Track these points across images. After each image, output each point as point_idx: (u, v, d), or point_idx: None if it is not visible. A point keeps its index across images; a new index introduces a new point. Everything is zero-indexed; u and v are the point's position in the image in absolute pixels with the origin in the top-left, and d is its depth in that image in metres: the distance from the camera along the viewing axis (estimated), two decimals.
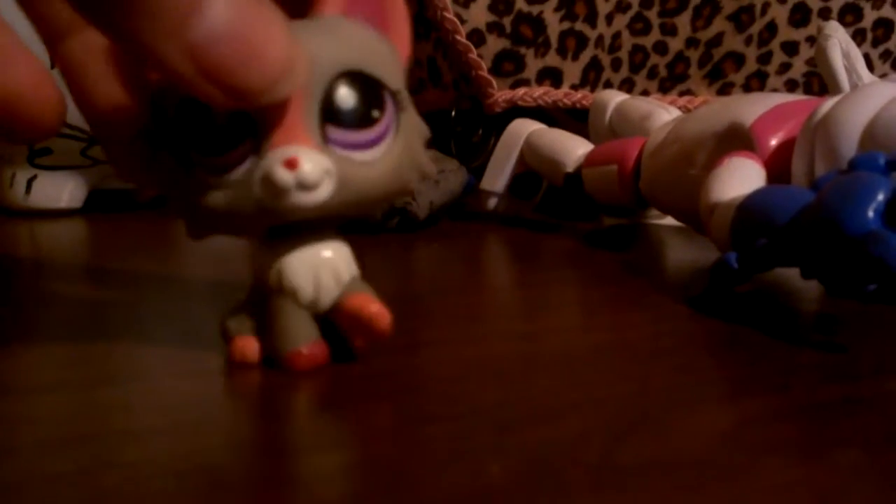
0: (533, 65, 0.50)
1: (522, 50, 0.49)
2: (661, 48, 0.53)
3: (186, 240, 0.18)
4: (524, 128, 0.40)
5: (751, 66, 0.54)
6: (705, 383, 0.18)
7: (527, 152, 0.39)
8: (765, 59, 0.54)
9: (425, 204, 0.37)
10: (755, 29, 0.53)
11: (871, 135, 0.23)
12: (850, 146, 0.23)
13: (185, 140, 0.16)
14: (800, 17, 0.54)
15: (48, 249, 0.36)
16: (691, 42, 0.53)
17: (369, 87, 0.16)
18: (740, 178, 0.25)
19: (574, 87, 0.51)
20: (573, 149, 0.37)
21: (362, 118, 0.16)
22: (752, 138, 0.27)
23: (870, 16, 0.54)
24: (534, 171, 0.40)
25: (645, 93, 0.53)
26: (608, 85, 0.52)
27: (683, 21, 0.52)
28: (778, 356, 0.19)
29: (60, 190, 0.41)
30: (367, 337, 0.17)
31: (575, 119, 0.52)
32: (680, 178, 0.30)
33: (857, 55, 0.31)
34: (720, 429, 0.15)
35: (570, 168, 0.37)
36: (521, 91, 0.50)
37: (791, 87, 0.54)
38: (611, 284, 0.28)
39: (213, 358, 0.18)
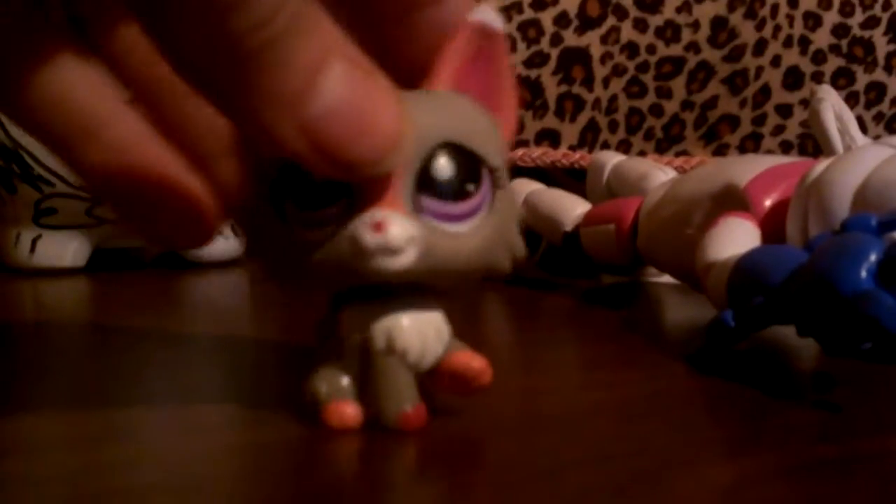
0: (531, 126, 0.51)
1: (521, 112, 0.50)
2: (656, 111, 0.54)
3: (189, 298, 0.18)
4: (523, 187, 0.41)
5: (745, 128, 0.55)
6: (704, 441, 0.18)
7: (526, 211, 0.40)
8: (759, 121, 0.55)
9: None
10: (749, 92, 0.54)
11: (862, 196, 0.23)
12: (842, 207, 0.24)
13: (284, 194, 0.16)
14: (793, 80, 0.55)
15: (52, 308, 0.36)
16: (686, 105, 0.54)
17: (467, 161, 0.17)
18: (736, 238, 0.25)
19: (572, 148, 0.52)
20: (571, 208, 0.38)
21: (456, 190, 0.16)
22: (747, 199, 0.27)
23: (862, 79, 0.55)
24: (533, 229, 0.40)
25: (642, 153, 0.54)
26: (605, 146, 0.53)
27: (678, 84, 0.54)
28: (776, 414, 0.19)
29: (65, 249, 0.42)
30: (467, 393, 0.17)
31: (573, 178, 0.53)
32: (676, 237, 0.30)
33: (849, 118, 0.32)
34: (719, 486, 0.15)
35: (569, 227, 0.38)
36: (519, 152, 0.51)
37: (786, 148, 0.55)
38: (610, 342, 0.28)
39: (216, 414, 0.18)
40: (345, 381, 0.17)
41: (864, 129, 0.53)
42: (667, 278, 0.37)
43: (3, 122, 0.40)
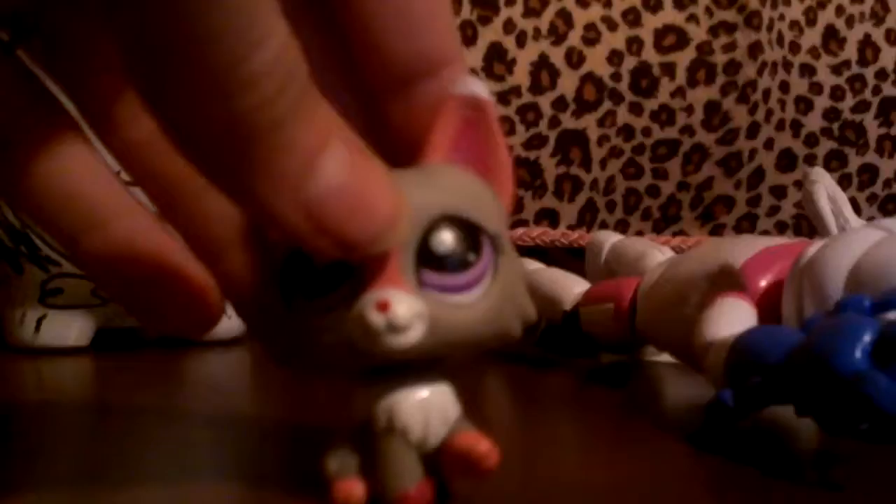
0: (531, 206, 0.52)
1: (520, 192, 0.51)
2: (653, 191, 0.55)
3: (192, 376, 0.18)
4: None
5: (741, 208, 0.56)
6: None
7: None
8: (754, 202, 0.56)
9: None
10: (743, 174, 0.55)
11: (855, 277, 0.24)
12: (836, 288, 0.24)
13: (290, 284, 0.17)
14: (786, 162, 0.56)
15: (55, 388, 0.36)
16: (682, 185, 0.55)
17: (466, 232, 0.17)
18: (733, 318, 0.26)
19: (571, 228, 0.53)
20: (571, 287, 0.38)
21: (458, 262, 0.17)
22: (743, 279, 0.28)
23: (854, 161, 0.56)
24: None
25: (639, 233, 0.55)
26: (603, 225, 0.54)
27: (674, 166, 0.55)
28: (777, 494, 0.20)
29: (69, 329, 0.42)
30: (472, 475, 0.17)
31: (572, 257, 0.54)
32: (674, 316, 0.31)
33: (843, 199, 0.33)
34: None
35: (568, 306, 0.38)
36: (519, 231, 0.52)
37: (781, 228, 0.56)
38: (610, 421, 0.28)
39: (217, 496, 0.18)
40: (354, 459, 0.17)
41: (857, 210, 0.54)
42: (666, 357, 0.37)
43: None
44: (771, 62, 0.56)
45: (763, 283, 0.28)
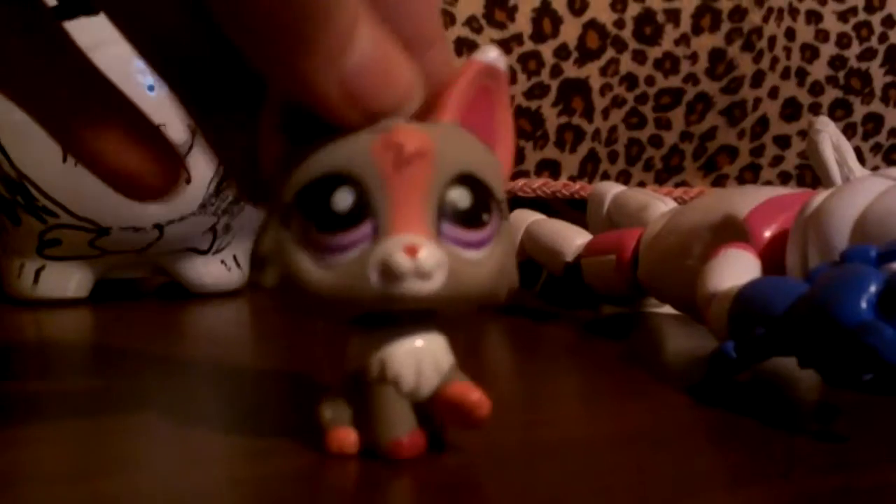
0: (532, 157, 0.51)
1: (521, 143, 0.51)
2: (656, 141, 0.54)
3: (191, 328, 0.18)
4: (524, 218, 0.41)
5: (744, 158, 0.55)
6: (706, 472, 0.18)
7: (527, 242, 0.40)
8: (757, 152, 0.55)
9: None
10: (747, 123, 0.55)
11: (861, 228, 0.24)
12: (841, 239, 0.24)
13: (304, 215, 0.17)
14: (791, 111, 0.55)
15: (54, 339, 0.36)
16: (685, 136, 0.55)
17: (482, 192, 0.17)
18: (736, 269, 0.25)
19: (572, 179, 0.53)
20: (572, 239, 0.38)
21: (474, 219, 0.17)
22: (747, 230, 0.28)
23: (859, 110, 0.55)
24: (534, 259, 0.40)
25: (641, 184, 0.55)
26: (605, 176, 0.53)
27: (677, 116, 0.54)
28: (778, 445, 0.20)
29: (68, 280, 0.42)
30: (465, 425, 0.17)
31: (573, 208, 0.53)
32: (677, 268, 0.30)
33: (847, 149, 0.32)
34: None
35: (570, 258, 0.38)
36: (520, 182, 0.51)
37: (784, 179, 0.56)
38: (611, 373, 0.28)
39: (217, 446, 0.18)
40: (347, 409, 0.17)
41: (861, 160, 0.54)
42: (667, 309, 0.37)
43: (8, 154, 0.40)
44: (777, 8, 0.55)
45: (767, 234, 0.27)
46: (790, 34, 0.56)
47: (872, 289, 0.19)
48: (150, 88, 0.39)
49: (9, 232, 0.42)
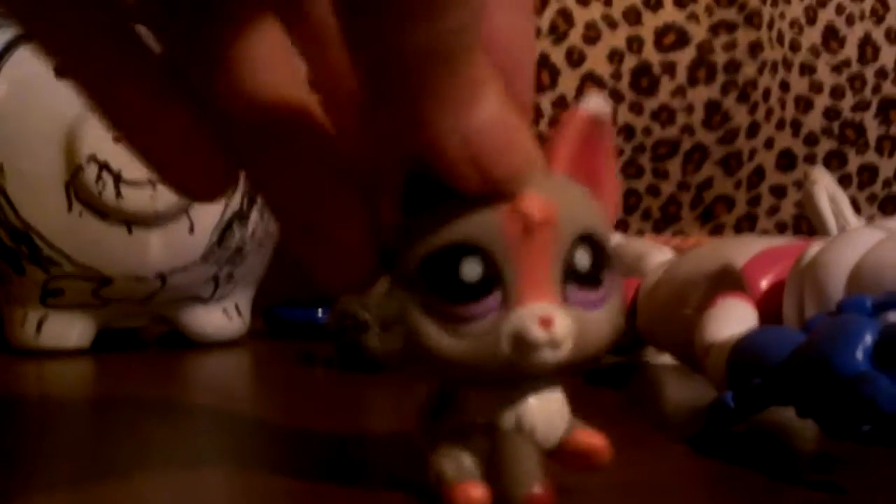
0: None
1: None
2: (653, 191, 0.55)
3: (192, 378, 0.18)
4: None
5: (741, 208, 0.56)
6: None
7: None
8: (754, 202, 0.56)
9: None
10: (743, 173, 0.55)
11: (856, 278, 0.24)
12: (837, 289, 0.24)
13: (430, 284, 0.17)
14: (786, 162, 0.56)
15: (56, 389, 0.36)
16: (682, 185, 0.55)
17: (599, 250, 0.17)
18: (734, 319, 0.26)
19: None
20: None
21: (594, 279, 0.17)
22: (744, 280, 0.28)
23: (854, 161, 0.56)
24: None
25: (639, 232, 0.55)
26: None
27: (674, 166, 0.55)
28: (777, 496, 0.20)
29: (70, 330, 0.42)
30: (589, 469, 0.18)
31: None
32: (675, 317, 0.31)
33: (843, 199, 0.33)
34: None
35: None
36: None
37: (781, 228, 0.56)
38: (611, 423, 0.28)
39: (219, 496, 0.18)
40: (468, 461, 0.17)
41: (857, 209, 0.54)
42: (666, 358, 0.37)
43: (13, 204, 0.41)
44: (771, 61, 0.56)
45: (764, 284, 0.28)
46: (784, 86, 0.57)
47: (868, 339, 0.19)
48: None
49: (12, 281, 0.43)
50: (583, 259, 0.17)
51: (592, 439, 0.18)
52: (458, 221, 0.16)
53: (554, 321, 0.16)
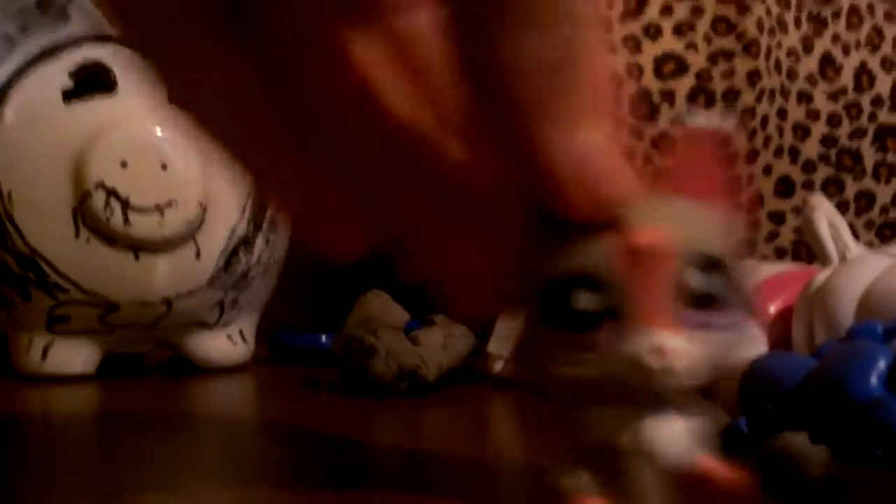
0: None
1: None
2: None
3: (195, 404, 0.18)
4: None
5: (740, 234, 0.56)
6: None
7: None
8: (753, 227, 0.56)
9: (435, 367, 0.37)
10: (742, 199, 0.56)
11: (866, 304, 0.24)
12: (847, 315, 0.25)
13: (550, 315, 0.17)
14: (784, 188, 0.56)
15: (61, 416, 0.36)
16: None
17: (720, 272, 0.17)
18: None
19: None
20: None
21: (713, 300, 0.17)
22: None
23: (851, 187, 0.57)
24: None
25: None
26: None
27: None
28: None
29: (76, 356, 0.42)
30: (712, 498, 0.18)
31: None
32: None
33: (842, 225, 0.33)
34: None
35: None
36: None
37: (779, 254, 0.57)
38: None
39: None
40: (589, 479, 0.17)
41: (855, 236, 0.55)
42: None
43: (21, 230, 0.41)
44: (769, 89, 0.57)
45: (772, 310, 0.28)
46: (782, 114, 0.57)
47: (882, 365, 0.20)
48: (164, 167, 0.40)
49: (18, 307, 0.43)
50: (703, 281, 0.17)
51: (717, 468, 0.17)
52: (572, 253, 0.17)
53: (667, 349, 0.16)
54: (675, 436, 0.17)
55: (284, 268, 0.48)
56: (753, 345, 0.19)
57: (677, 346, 0.16)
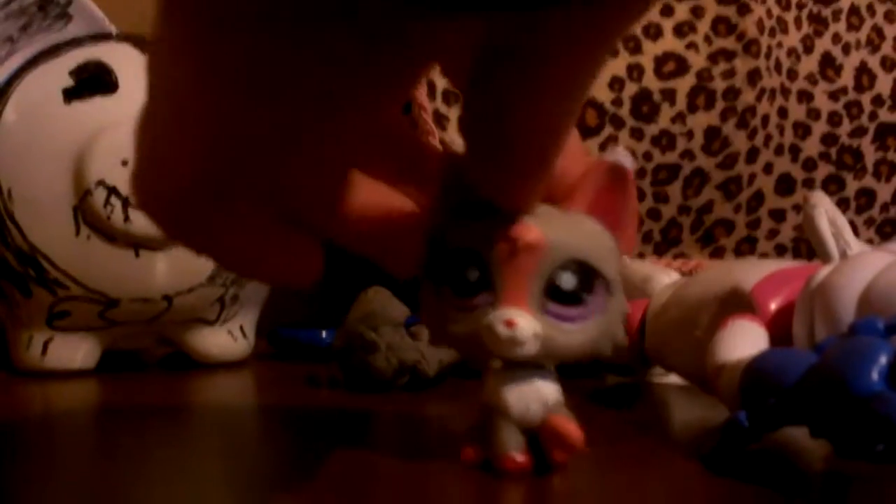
0: None
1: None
2: (654, 215, 0.55)
3: (195, 399, 0.19)
4: None
5: (741, 231, 0.57)
6: None
7: None
8: (754, 225, 0.57)
9: (435, 362, 0.37)
10: (743, 197, 0.56)
11: (867, 300, 0.24)
12: (847, 311, 0.25)
13: (444, 281, 0.22)
14: (785, 186, 0.57)
15: (61, 411, 0.36)
16: (683, 209, 0.56)
17: (586, 275, 0.21)
18: (745, 340, 0.26)
19: None
20: None
21: (574, 298, 0.21)
22: (753, 302, 0.28)
23: (852, 185, 0.57)
24: None
25: (640, 255, 0.56)
26: None
27: (675, 190, 0.55)
28: None
29: (76, 351, 0.42)
30: (564, 450, 0.22)
31: None
32: (684, 339, 0.31)
33: (843, 223, 0.33)
34: None
35: None
36: None
37: (780, 251, 0.57)
38: (619, 443, 0.29)
39: None
40: (478, 431, 0.22)
41: (855, 233, 0.55)
42: (672, 378, 0.37)
43: (21, 228, 0.41)
44: (769, 88, 0.57)
45: (773, 306, 0.28)
46: (782, 112, 0.57)
47: (883, 360, 0.20)
48: None
49: (19, 304, 0.43)
50: (566, 281, 0.21)
51: (564, 424, 0.22)
52: (473, 232, 0.21)
53: (516, 324, 0.21)
54: (528, 397, 0.22)
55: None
56: (601, 341, 0.22)
57: (525, 324, 0.21)
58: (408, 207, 0.22)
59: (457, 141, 0.22)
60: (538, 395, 0.22)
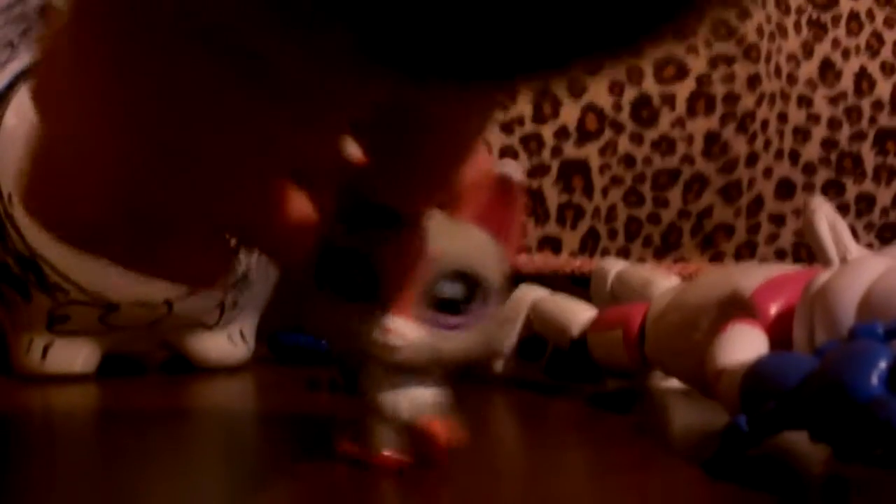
0: (533, 233, 0.52)
1: (524, 219, 0.52)
2: (654, 219, 0.55)
3: (195, 403, 0.19)
4: (529, 294, 0.41)
5: (741, 236, 0.57)
6: None
7: (533, 317, 0.41)
8: (754, 229, 0.57)
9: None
10: (743, 202, 0.56)
11: (866, 305, 0.24)
12: (847, 315, 0.25)
13: (329, 281, 0.22)
14: (785, 191, 0.57)
15: (61, 416, 0.36)
16: (683, 214, 0.56)
17: (471, 286, 0.22)
18: (745, 344, 0.26)
19: (573, 255, 0.54)
20: (578, 314, 0.39)
21: (456, 308, 0.22)
22: (754, 306, 0.28)
23: (852, 190, 0.57)
24: (540, 334, 0.41)
25: (640, 260, 0.56)
26: (605, 253, 0.54)
27: (675, 195, 0.55)
28: None
29: (76, 355, 0.42)
30: (431, 451, 0.22)
31: (575, 285, 0.54)
32: (685, 343, 0.31)
33: (843, 227, 0.33)
34: None
35: (576, 333, 0.38)
36: (522, 258, 0.52)
37: (780, 255, 0.57)
38: (619, 447, 0.29)
39: None
40: (357, 429, 0.23)
41: (855, 237, 0.55)
42: (673, 382, 0.37)
43: (22, 232, 0.41)
44: (769, 93, 0.57)
45: (773, 311, 0.28)
46: (782, 117, 0.58)
47: (883, 364, 0.20)
48: None
49: (19, 308, 0.43)
50: (450, 291, 0.22)
51: (428, 424, 0.22)
52: (363, 237, 0.22)
53: (392, 330, 0.21)
54: (404, 400, 0.22)
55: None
56: (481, 348, 0.23)
57: (404, 331, 0.21)
58: (305, 207, 0.22)
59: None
60: (408, 396, 0.22)
